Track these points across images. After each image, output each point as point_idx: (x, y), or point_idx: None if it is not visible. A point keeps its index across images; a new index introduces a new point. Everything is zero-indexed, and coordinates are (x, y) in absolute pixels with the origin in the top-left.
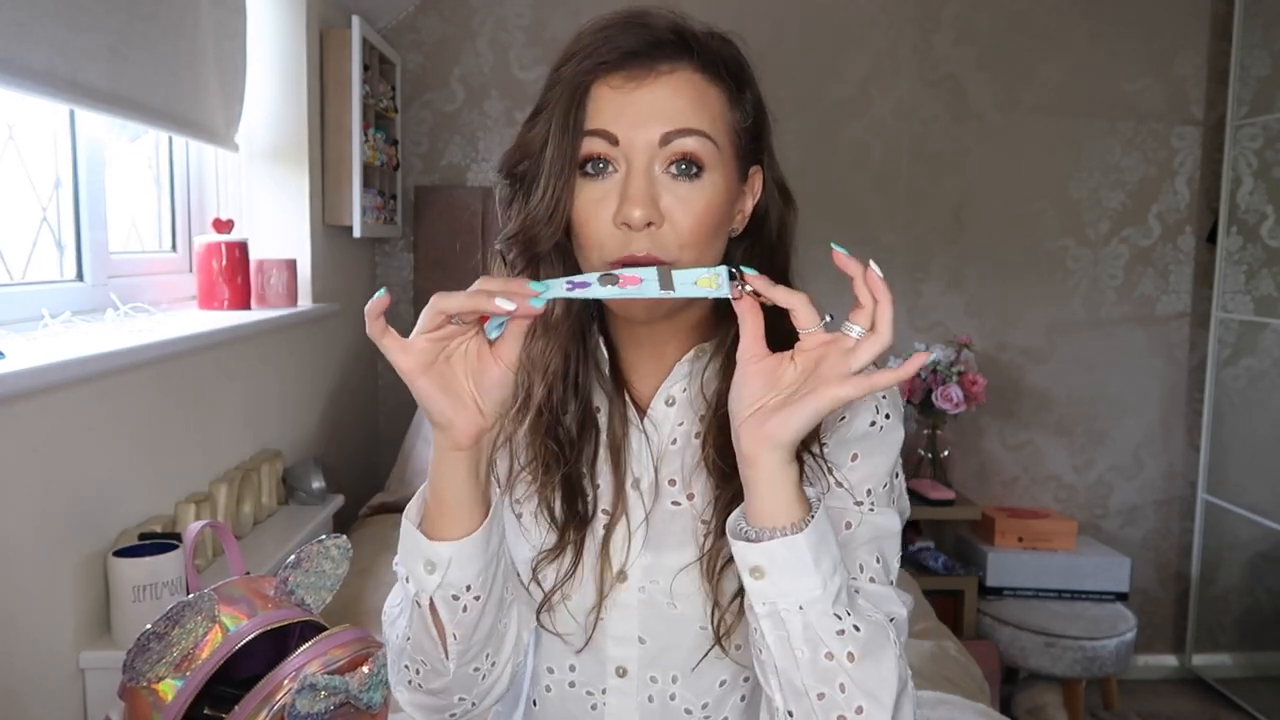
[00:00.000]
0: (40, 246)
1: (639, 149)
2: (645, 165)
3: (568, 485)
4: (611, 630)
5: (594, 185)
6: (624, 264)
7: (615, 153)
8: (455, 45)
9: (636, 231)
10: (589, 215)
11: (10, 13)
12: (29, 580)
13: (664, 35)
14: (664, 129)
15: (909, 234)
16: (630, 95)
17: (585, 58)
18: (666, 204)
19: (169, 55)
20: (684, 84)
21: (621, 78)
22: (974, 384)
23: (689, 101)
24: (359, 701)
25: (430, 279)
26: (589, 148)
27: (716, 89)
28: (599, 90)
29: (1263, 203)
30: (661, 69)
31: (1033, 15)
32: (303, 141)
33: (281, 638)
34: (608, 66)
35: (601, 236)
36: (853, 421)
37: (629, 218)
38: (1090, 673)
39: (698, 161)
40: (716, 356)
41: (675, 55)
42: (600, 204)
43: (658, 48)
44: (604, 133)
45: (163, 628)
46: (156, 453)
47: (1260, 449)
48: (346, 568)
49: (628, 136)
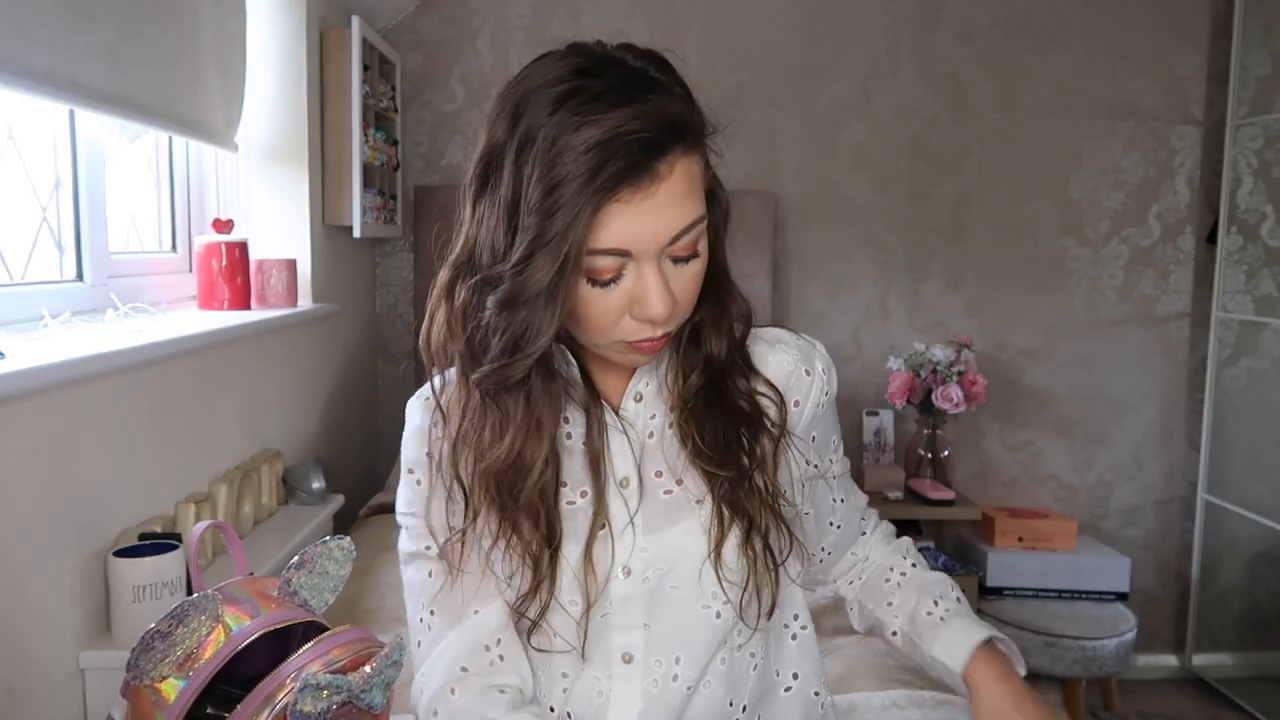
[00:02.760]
0: (40, 246)
1: (650, 254)
2: (655, 263)
3: (532, 516)
4: (617, 620)
5: (604, 293)
6: (642, 346)
7: (626, 261)
8: (455, 45)
9: None
10: (603, 313)
11: (10, 13)
12: (29, 580)
13: (661, 133)
14: (672, 232)
15: (909, 234)
16: (639, 209)
17: (587, 183)
18: (673, 287)
19: (169, 55)
20: (682, 177)
21: (629, 191)
22: (974, 384)
23: (685, 192)
24: (360, 701)
25: (430, 279)
26: (602, 264)
27: (698, 153)
28: (607, 206)
29: (1263, 203)
30: (662, 172)
31: (1033, 15)
32: (303, 141)
33: (284, 638)
34: (611, 186)
35: (617, 330)
36: (805, 406)
37: (655, 318)
38: (1090, 673)
39: (696, 248)
40: (671, 360)
41: (672, 149)
42: (615, 305)
43: (660, 149)
44: (619, 251)
45: (167, 626)
46: (156, 453)
47: (1260, 449)
48: (349, 569)
49: (639, 248)
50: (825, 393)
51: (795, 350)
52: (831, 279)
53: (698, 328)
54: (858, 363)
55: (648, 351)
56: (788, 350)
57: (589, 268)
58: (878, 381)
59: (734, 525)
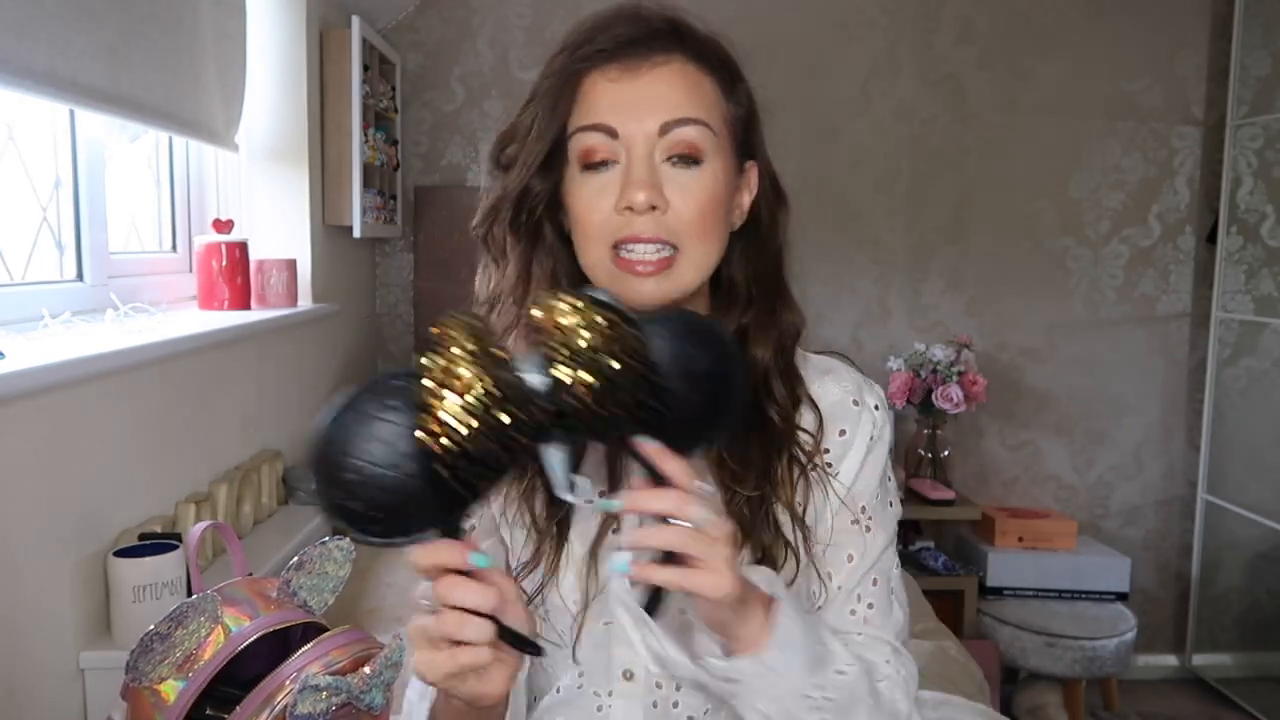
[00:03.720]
0: (40, 246)
1: (639, 140)
2: (646, 154)
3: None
4: (620, 634)
5: (594, 178)
6: (629, 242)
7: (615, 145)
8: (455, 45)
9: (639, 215)
10: (590, 207)
11: (10, 13)
12: (29, 580)
13: (657, 26)
14: (663, 119)
15: (909, 234)
16: (627, 87)
17: (579, 47)
18: (669, 192)
19: (169, 55)
20: (679, 74)
21: (617, 69)
22: (974, 384)
23: (685, 91)
24: (360, 702)
25: (430, 279)
26: (588, 142)
27: (710, 79)
28: (594, 83)
29: (1263, 203)
30: (656, 59)
31: (1033, 15)
32: (303, 141)
33: (284, 639)
34: (603, 56)
35: (602, 223)
36: (853, 439)
37: (632, 201)
38: (1090, 673)
39: (697, 150)
40: None
41: (669, 46)
42: (601, 194)
43: (652, 38)
44: (603, 126)
45: (166, 628)
46: (156, 453)
47: (1260, 449)
48: (349, 570)
49: (627, 128)
50: (873, 436)
51: (848, 380)
52: (831, 279)
53: (744, 330)
54: (858, 363)
55: (640, 273)
56: (839, 380)
57: (579, 149)
58: (878, 381)
59: (745, 550)
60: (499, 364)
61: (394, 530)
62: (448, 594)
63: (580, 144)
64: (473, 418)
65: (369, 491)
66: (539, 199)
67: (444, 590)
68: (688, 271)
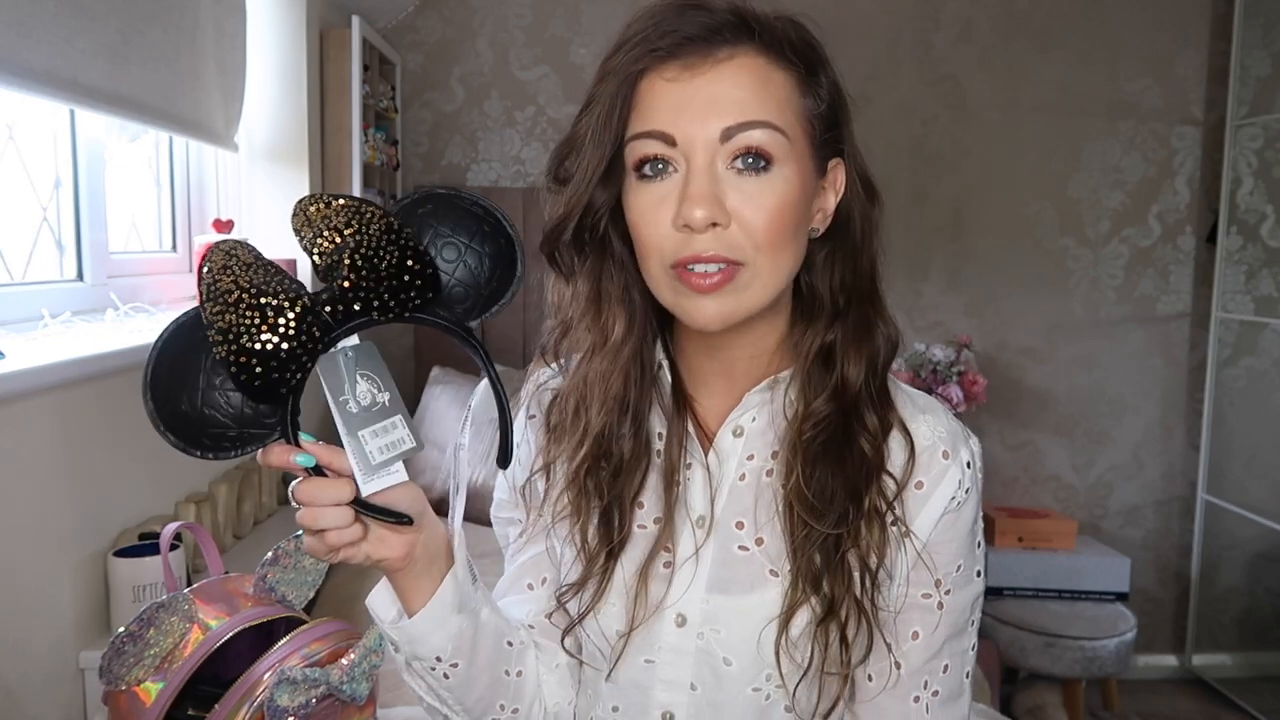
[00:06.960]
0: (40, 246)
1: (699, 147)
2: (707, 163)
3: (605, 516)
4: (662, 674)
5: (652, 188)
6: (689, 263)
7: (673, 153)
8: (455, 45)
9: (699, 233)
10: (647, 220)
11: (10, 13)
12: (29, 580)
13: (722, 17)
14: (724, 124)
15: (909, 234)
16: (686, 87)
17: (635, 45)
18: (734, 203)
19: (169, 55)
20: (745, 70)
21: (676, 68)
22: (974, 384)
23: (751, 90)
24: (342, 693)
25: None
26: (644, 150)
27: (783, 73)
28: (652, 84)
29: (1263, 203)
30: (720, 55)
31: (1033, 15)
32: (303, 141)
33: (268, 637)
34: (660, 55)
35: (660, 240)
36: (932, 494)
37: (690, 218)
38: (1090, 673)
39: (765, 155)
40: (794, 383)
41: (735, 39)
42: (659, 206)
43: (715, 32)
44: (658, 133)
45: (136, 628)
46: (156, 453)
47: (1260, 449)
48: (328, 564)
49: (685, 134)
50: (956, 498)
51: (942, 426)
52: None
53: (831, 346)
54: None
55: (700, 290)
56: (932, 423)
57: (634, 158)
58: None
59: (809, 604)
60: (266, 271)
61: (234, 444)
62: (299, 493)
63: (635, 152)
64: (258, 328)
65: (204, 420)
66: (601, 212)
67: (298, 491)
68: (755, 290)
